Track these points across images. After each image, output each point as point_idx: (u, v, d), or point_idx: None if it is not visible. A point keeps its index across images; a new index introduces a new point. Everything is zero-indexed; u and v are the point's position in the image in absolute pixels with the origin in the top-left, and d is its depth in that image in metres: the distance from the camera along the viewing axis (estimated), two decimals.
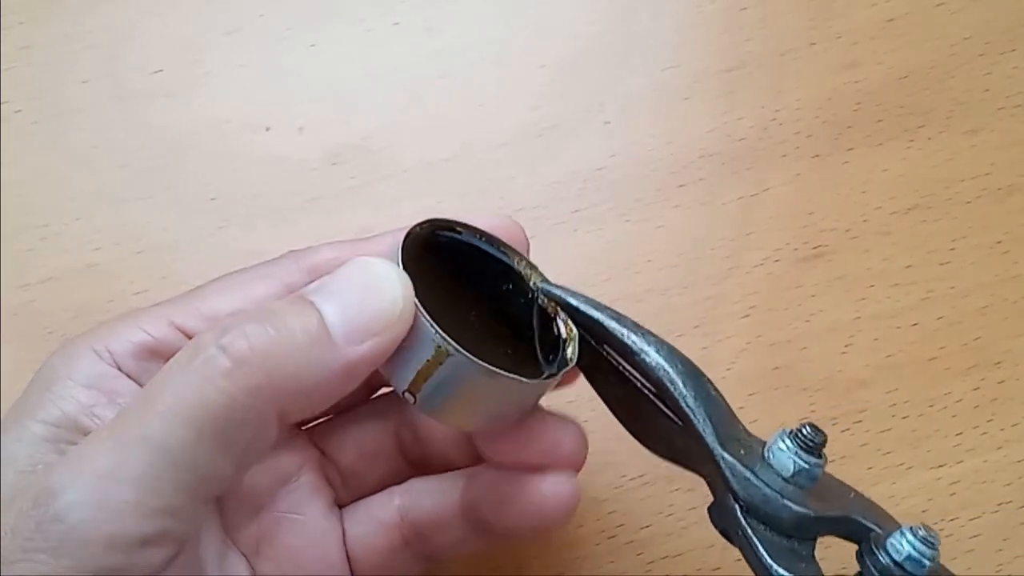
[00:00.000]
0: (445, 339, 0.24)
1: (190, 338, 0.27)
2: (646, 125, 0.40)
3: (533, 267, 0.28)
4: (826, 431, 0.36)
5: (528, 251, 0.29)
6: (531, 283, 0.28)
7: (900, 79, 0.40)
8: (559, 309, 0.28)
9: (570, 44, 0.40)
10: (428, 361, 0.24)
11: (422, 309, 0.24)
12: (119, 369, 0.26)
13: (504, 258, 0.28)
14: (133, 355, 0.26)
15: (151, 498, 0.21)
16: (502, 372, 0.25)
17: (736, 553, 0.34)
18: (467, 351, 0.24)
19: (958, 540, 0.35)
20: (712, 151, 0.39)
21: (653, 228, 0.38)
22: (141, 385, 0.26)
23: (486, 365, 0.24)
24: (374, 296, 0.24)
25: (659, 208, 0.39)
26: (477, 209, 0.38)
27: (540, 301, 0.28)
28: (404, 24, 0.41)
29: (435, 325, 0.24)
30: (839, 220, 0.39)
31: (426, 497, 0.30)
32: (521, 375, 0.25)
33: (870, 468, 0.36)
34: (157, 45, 0.40)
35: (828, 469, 0.36)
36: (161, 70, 0.40)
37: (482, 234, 0.28)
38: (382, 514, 0.30)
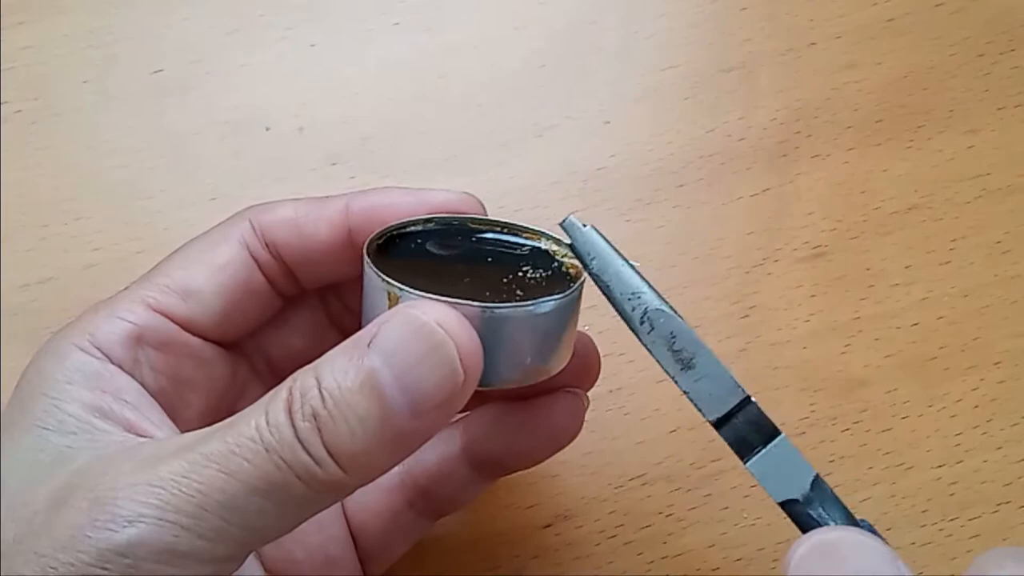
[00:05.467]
0: (485, 305, 0.24)
1: (168, 318, 0.27)
2: (646, 125, 0.40)
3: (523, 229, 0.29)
4: (826, 431, 0.36)
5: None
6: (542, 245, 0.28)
7: (900, 79, 0.40)
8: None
9: (570, 44, 0.40)
10: None
11: (456, 299, 0.24)
12: (111, 362, 0.26)
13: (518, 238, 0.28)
14: (122, 345, 0.26)
15: (216, 548, 0.22)
16: (535, 301, 0.25)
17: (736, 553, 0.35)
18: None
19: (958, 540, 0.35)
20: (712, 151, 0.39)
21: (653, 228, 0.38)
22: (135, 377, 0.26)
23: (521, 304, 0.25)
24: (434, 368, 0.23)
25: (659, 208, 0.39)
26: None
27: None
28: (404, 24, 0.41)
29: (463, 300, 0.24)
30: (839, 220, 0.39)
31: (427, 451, 0.30)
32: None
33: (870, 468, 0.36)
34: (157, 45, 0.40)
35: (829, 469, 0.36)
36: (161, 70, 0.40)
37: (440, 220, 0.28)
38: (382, 479, 0.30)
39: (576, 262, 0.27)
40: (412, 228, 0.28)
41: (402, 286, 0.25)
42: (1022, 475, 0.36)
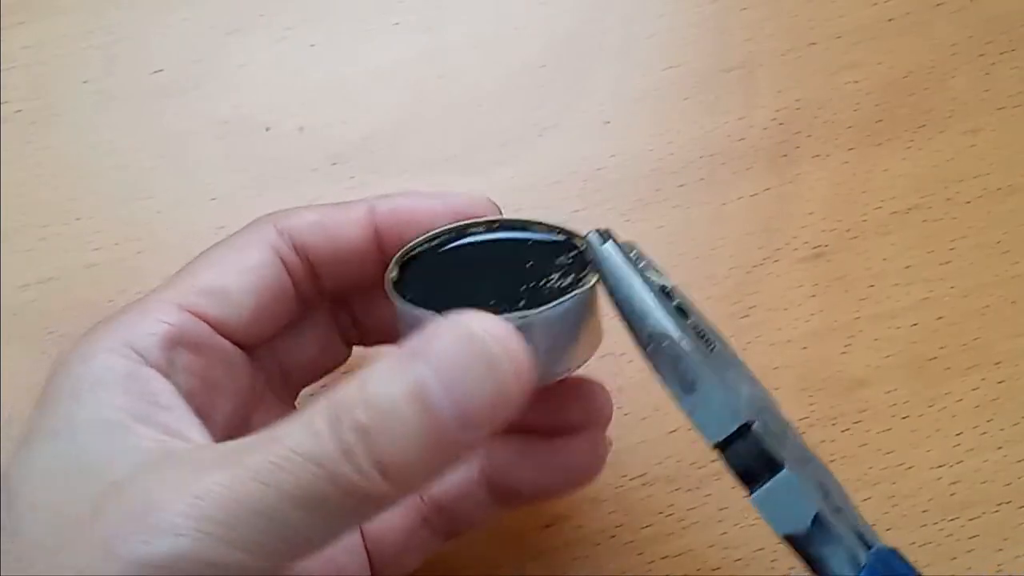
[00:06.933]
0: (521, 316, 0.25)
1: (202, 319, 0.26)
2: (646, 125, 0.40)
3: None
4: (826, 431, 0.36)
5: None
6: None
7: (900, 79, 0.40)
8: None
9: (570, 44, 0.40)
10: None
11: (497, 315, 0.24)
12: (147, 365, 0.25)
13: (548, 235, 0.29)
14: (159, 347, 0.25)
15: (255, 561, 0.21)
16: (564, 298, 0.26)
17: (736, 553, 0.35)
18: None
19: (958, 540, 0.35)
20: (712, 151, 0.39)
21: (653, 228, 0.38)
22: (169, 379, 0.25)
23: (555, 303, 0.25)
24: (484, 383, 0.22)
25: (659, 208, 0.39)
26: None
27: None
28: (404, 24, 0.41)
29: (502, 314, 0.24)
30: (839, 220, 0.39)
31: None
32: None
33: (870, 468, 0.36)
34: (157, 45, 0.40)
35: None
36: (161, 70, 0.40)
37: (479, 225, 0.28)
38: None
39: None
40: (421, 248, 0.28)
41: (433, 312, 0.25)
42: (1022, 475, 0.36)
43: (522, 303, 0.26)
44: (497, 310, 0.25)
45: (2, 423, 0.35)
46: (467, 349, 0.22)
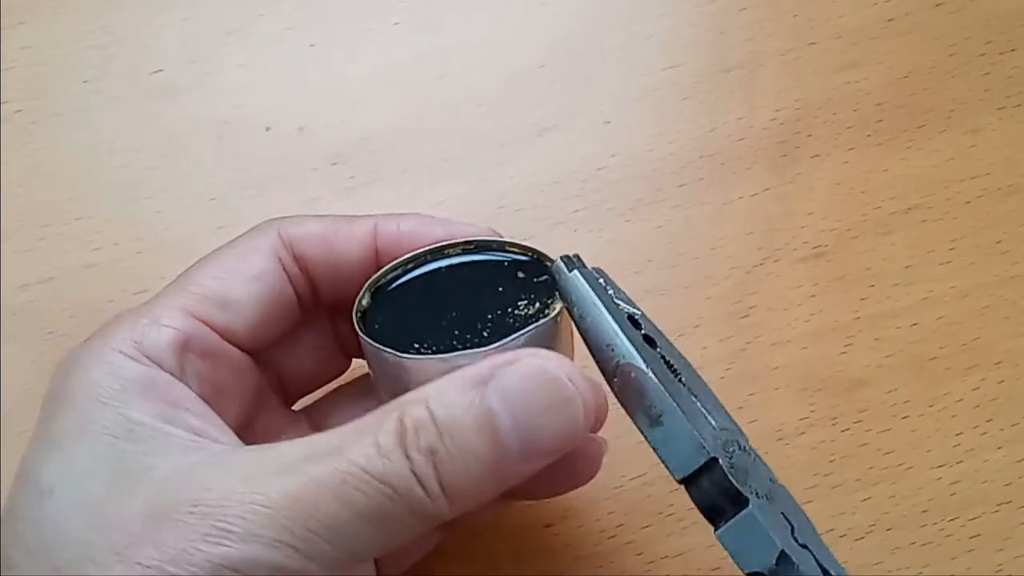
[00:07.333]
0: (525, 332, 0.26)
1: (209, 326, 0.27)
2: (646, 125, 0.40)
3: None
4: (826, 431, 0.36)
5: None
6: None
7: (900, 79, 0.40)
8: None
9: (570, 44, 0.40)
10: None
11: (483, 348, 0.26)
12: (163, 370, 0.25)
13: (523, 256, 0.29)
14: (170, 353, 0.26)
15: (320, 569, 0.22)
16: (525, 330, 0.26)
17: None
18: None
19: (958, 540, 0.35)
20: (712, 151, 0.39)
21: (653, 228, 0.38)
22: (185, 382, 0.26)
23: (516, 336, 0.26)
24: (558, 419, 0.24)
25: (659, 208, 0.39)
26: (476, 209, 0.38)
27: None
28: (404, 24, 0.41)
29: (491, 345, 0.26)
30: (839, 220, 0.39)
31: None
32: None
33: (870, 468, 0.36)
34: (157, 45, 0.40)
35: (829, 469, 0.36)
36: (161, 70, 0.40)
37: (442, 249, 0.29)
38: None
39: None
40: (395, 272, 0.28)
41: (411, 356, 0.26)
42: (1022, 475, 0.36)
43: (485, 333, 0.27)
44: (459, 343, 0.26)
45: (2, 421, 0.35)
46: (543, 389, 0.24)
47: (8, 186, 0.38)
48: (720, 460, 0.25)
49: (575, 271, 0.27)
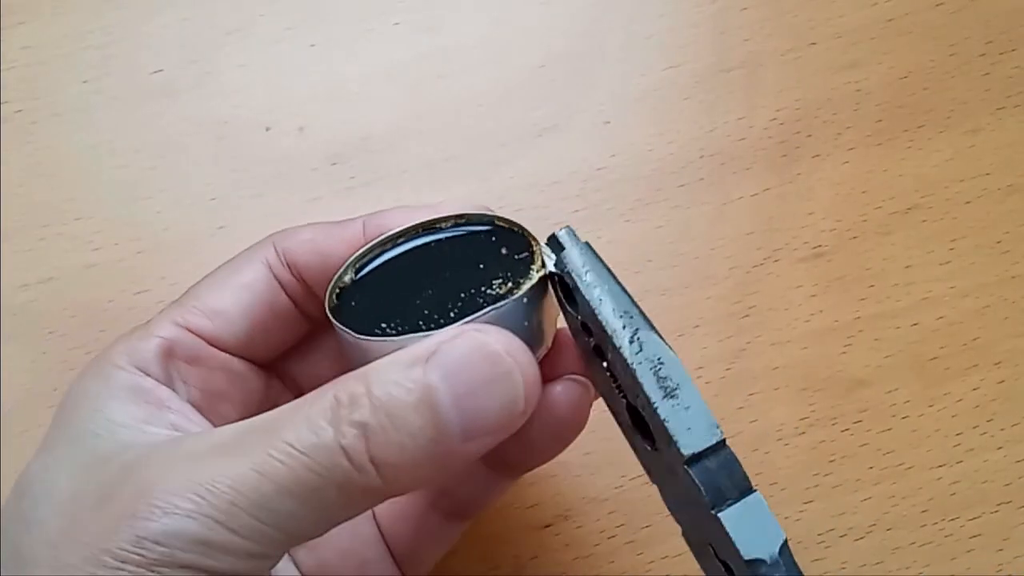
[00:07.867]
0: (484, 312, 0.25)
1: (195, 334, 0.27)
2: (646, 125, 0.40)
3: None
4: (826, 431, 0.36)
5: None
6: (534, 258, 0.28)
7: (900, 79, 0.40)
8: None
9: (570, 44, 0.40)
10: None
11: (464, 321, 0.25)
12: (148, 376, 0.26)
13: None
14: (155, 360, 0.27)
15: (250, 545, 0.22)
16: (502, 302, 0.25)
17: None
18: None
19: (958, 540, 0.35)
20: (712, 151, 0.39)
21: (653, 228, 0.38)
22: (172, 388, 0.27)
23: (514, 297, 0.25)
24: (497, 395, 0.23)
25: (659, 208, 0.39)
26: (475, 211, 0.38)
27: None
28: (404, 24, 0.41)
29: (467, 320, 0.25)
30: (839, 220, 0.39)
31: None
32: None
33: (870, 468, 0.36)
34: (157, 45, 0.40)
35: (829, 469, 0.36)
36: (161, 70, 0.40)
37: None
38: None
39: (527, 239, 0.27)
40: (374, 252, 0.28)
41: (368, 338, 0.25)
42: (1022, 475, 0.36)
43: (453, 313, 0.26)
44: (425, 323, 0.25)
45: (2, 421, 0.36)
46: (484, 364, 0.23)
47: (8, 186, 0.38)
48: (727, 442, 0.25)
49: (586, 241, 0.26)
